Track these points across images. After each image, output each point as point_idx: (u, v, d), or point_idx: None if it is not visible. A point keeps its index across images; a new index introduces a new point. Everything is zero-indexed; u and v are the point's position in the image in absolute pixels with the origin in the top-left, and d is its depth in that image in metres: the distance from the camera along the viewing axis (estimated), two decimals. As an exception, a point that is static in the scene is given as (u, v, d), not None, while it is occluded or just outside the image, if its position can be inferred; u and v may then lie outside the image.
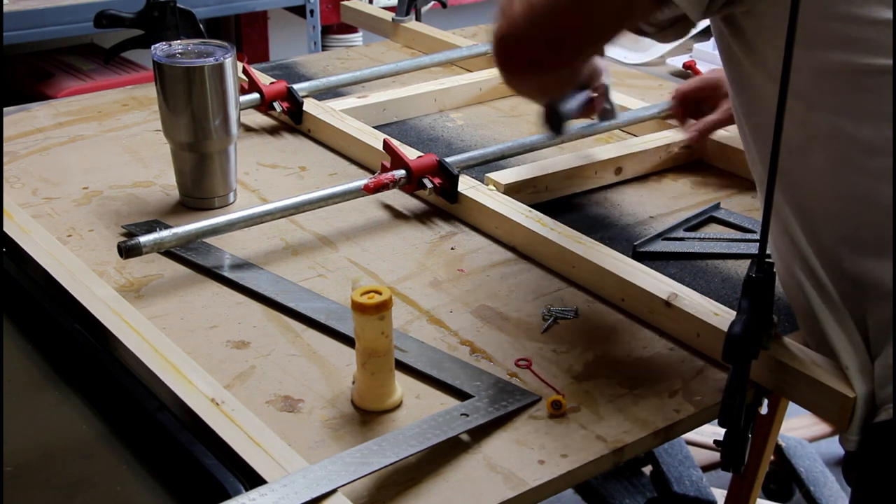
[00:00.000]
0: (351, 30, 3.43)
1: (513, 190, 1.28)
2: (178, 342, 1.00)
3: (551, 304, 1.10)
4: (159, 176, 1.39)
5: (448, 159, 1.29)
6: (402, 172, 1.26)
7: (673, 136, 1.44)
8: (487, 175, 1.30)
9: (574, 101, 1.25)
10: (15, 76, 2.65)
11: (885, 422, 0.89)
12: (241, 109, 1.35)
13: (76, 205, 1.31)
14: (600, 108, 1.35)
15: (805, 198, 0.92)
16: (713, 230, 1.28)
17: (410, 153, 1.30)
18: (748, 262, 0.91)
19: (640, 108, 1.51)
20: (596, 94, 1.30)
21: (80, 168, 1.41)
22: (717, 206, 1.31)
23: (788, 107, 0.80)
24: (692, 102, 1.38)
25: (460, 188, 1.27)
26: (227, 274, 1.14)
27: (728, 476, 1.83)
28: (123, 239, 1.11)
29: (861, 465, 0.95)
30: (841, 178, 0.89)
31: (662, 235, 1.24)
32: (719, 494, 1.84)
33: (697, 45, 1.88)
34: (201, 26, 1.64)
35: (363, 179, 1.25)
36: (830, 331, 0.92)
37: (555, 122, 1.23)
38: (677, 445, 1.95)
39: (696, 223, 1.28)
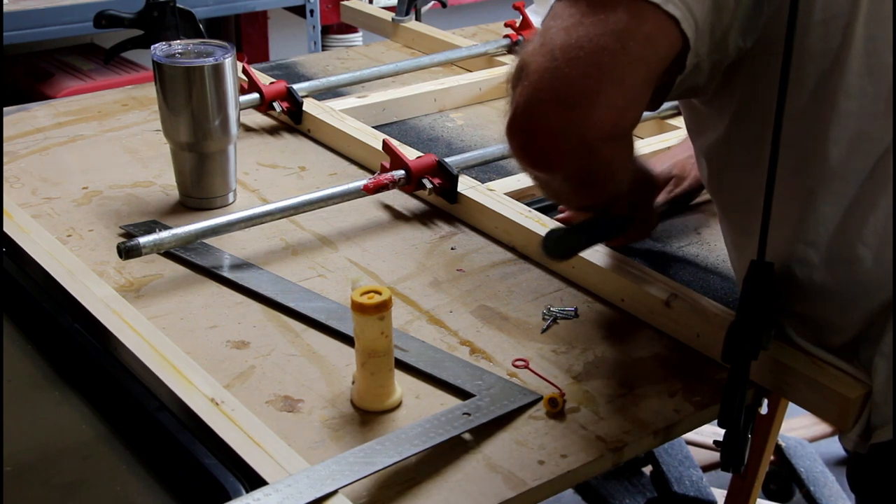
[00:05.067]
0: (351, 30, 3.43)
1: (512, 198, 1.27)
2: (178, 342, 1.00)
3: (551, 304, 1.10)
4: (159, 176, 1.39)
5: (448, 159, 1.29)
6: (401, 173, 1.26)
7: (672, 138, 1.44)
8: (486, 184, 1.30)
9: (598, 231, 1.02)
10: (15, 76, 2.65)
11: (884, 443, 0.89)
12: (240, 109, 1.35)
13: (76, 205, 1.31)
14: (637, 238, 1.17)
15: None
16: None
17: (410, 153, 1.30)
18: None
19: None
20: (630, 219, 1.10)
21: (79, 168, 1.41)
22: None
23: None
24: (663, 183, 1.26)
25: (460, 188, 1.27)
26: (226, 274, 1.14)
27: (728, 476, 1.82)
28: (123, 240, 1.11)
29: (863, 486, 0.96)
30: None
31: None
32: (719, 494, 1.84)
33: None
34: (201, 26, 1.64)
35: (363, 180, 1.25)
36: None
37: (562, 246, 0.99)
38: (677, 445, 1.95)
39: None
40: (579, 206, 1.05)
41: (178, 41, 1.30)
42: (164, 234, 1.12)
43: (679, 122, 1.51)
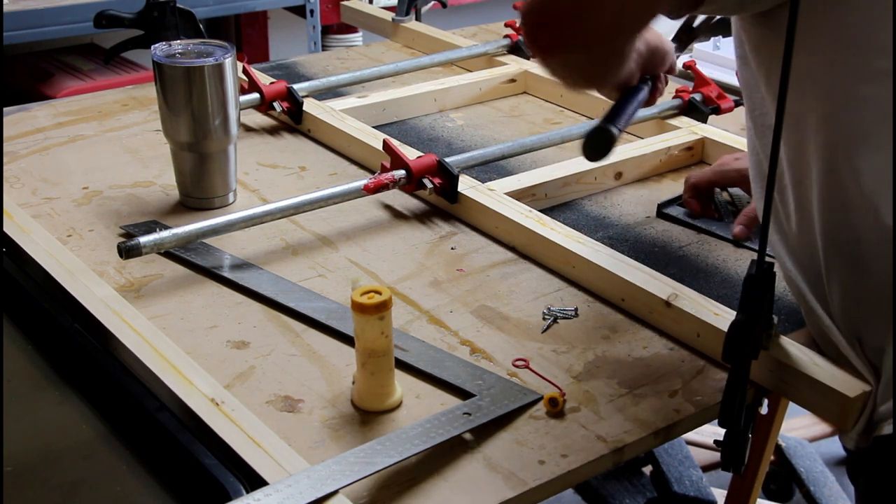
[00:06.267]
0: (351, 30, 3.43)
1: (512, 197, 1.28)
2: (178, 342, 1.00)
3: (551, 304, 1.10)
4: (159, 176, 1.39)
5: (448, 159, 1.29)
6: (401, 172, 1.26)
7: (673, 138, 1.44)
8: (486, 184, 1.30)
9: (628, 113, 1.07)
10: (15, 76, 2.65)
11: (888, 435, 0.89)
12: (241, 109, 1.35)
13: (76, 205, 1.31)
14: (661, 93, 1.18)
15: (811, 203, 0.92)
16: None
17: (410, 153, 1.30)
18: (748, 261, 0.91)
19: (640, 108, 1.51)
20: (652, 83, 1.15)
21: (80, 168, 1.41)
22: None
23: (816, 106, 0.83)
24: (706, 191, 1.29)
25: (460, 188, 1.27)
26: (226, 274, 1.14)
27: (728, 476, 1.83)
28: (123, 240, 1.11)
29: (865, 479, 0.96)
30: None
31: (680, 201, 1.30)
32: (719, 494, 1.84)
33: (698, 45, 1.88)
34: (201, 26, 1.64)
35: (363, 179, 1.25)
36: (832, 335, 0.93)
37: (601, 148, 1.02)
38: (677, 445, 1.95)
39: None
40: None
41: (178, 41, 1.30)
42: (165, 233, 1.12)
43: (679, 121, 1.51)
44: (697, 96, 1.53)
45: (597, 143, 1.03)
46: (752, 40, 0.93)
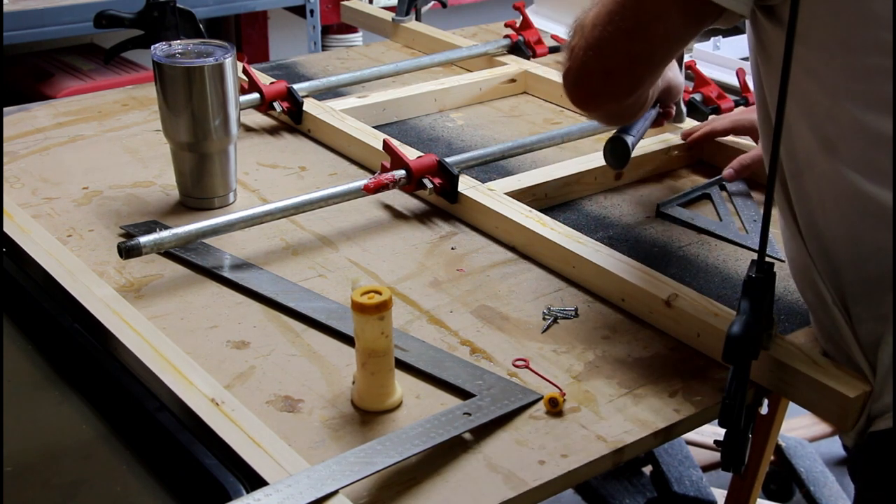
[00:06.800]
0: (351, 30, 3.43)
1: (512, 197, 1.27)
2: (178, 342, 1.00)
3: (551, 304, 1.10)
4: (159, 176, 1.39)
5: (448, 159, 1.29)
6: (402, 172, 1.26)
7: (673, 138, 1.44)
8: (486, 184, 1.30)
9: (640, 127, 1.26)
10: (15, 76, 2.65)
11: (884, 431, 0.89)
12: (241, 109, 1.35)
13: (76, 205, 1.31)
14: (669, 119, 1.36)
15: (823, 197, 0.92)
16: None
17: (410, 153, 1.30)
18: (748, 262, 0.91)
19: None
20: (663, 110, 1.32)
21: (80, 168, 1.41)
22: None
23: (815, 101, 0.86)
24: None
25: (460, 188, 1.27)
26: (227, 274, 1.14)
27: (728, 476, 1.83)
28: (123, 240, 1.11)
29: (862, 475, 0.96)
30: (866, 175, 0.89)
31: (679, 201, 1.33)
32: (719, 494, 1.84)
33: (698, 45, 1.88)
34: (201, 26, 1.64)
35: (363, 179, 1.25)
36: (842, 330, 0.93)
37: (619, 155, 1.24)
38: (677, 445, 1.95)
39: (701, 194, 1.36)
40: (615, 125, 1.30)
41: (178, 41, 1.30)
42: (165, 233, 1.12)
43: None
44: (697, 96, 1.53)
45: (614, 151, 1.24)
46: (760, 37, 0.94)
